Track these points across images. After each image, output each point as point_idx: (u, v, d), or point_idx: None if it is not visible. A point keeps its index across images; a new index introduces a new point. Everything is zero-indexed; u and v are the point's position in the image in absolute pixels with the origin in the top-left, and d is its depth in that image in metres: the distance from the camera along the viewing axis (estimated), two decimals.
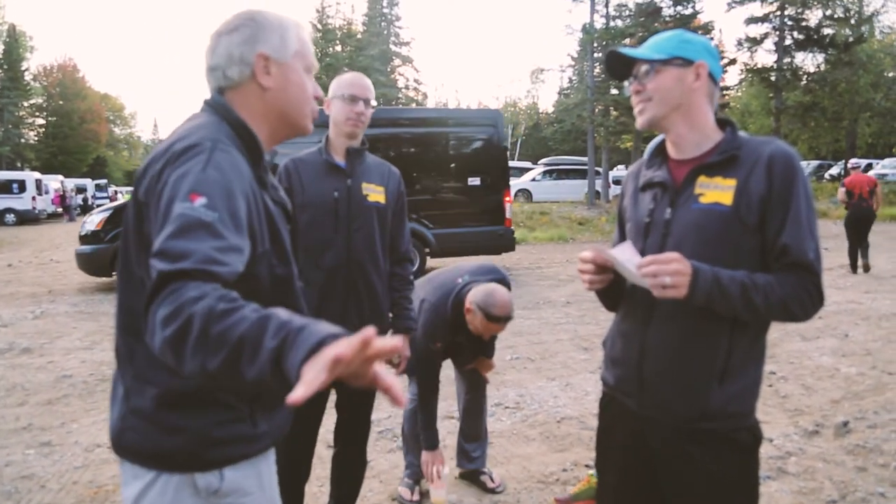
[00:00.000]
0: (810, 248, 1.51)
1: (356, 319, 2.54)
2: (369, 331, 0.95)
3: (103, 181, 42.31)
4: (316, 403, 2.64)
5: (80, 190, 36.10)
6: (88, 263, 9.72)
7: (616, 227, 1.94)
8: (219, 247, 1.12)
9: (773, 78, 26.37)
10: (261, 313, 1.02)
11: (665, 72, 1.62)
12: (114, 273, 9.57)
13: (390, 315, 2.75)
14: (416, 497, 3.28)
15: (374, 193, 2.59)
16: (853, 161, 12.37)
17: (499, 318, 2.87)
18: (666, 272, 1.46)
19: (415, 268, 2.84)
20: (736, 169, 1.56)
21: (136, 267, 1.29)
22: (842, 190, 11.11)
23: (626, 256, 1.57)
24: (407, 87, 47.56)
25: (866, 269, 10.85)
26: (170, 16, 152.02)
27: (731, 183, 1.55)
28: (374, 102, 2.62)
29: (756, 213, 1.52)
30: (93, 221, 9.91)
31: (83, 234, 9.83)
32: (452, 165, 10.54)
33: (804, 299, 1.52)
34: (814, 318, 1.59)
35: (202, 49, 1.44)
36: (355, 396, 2.71)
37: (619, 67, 1.71)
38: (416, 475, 3.34)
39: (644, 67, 1.64)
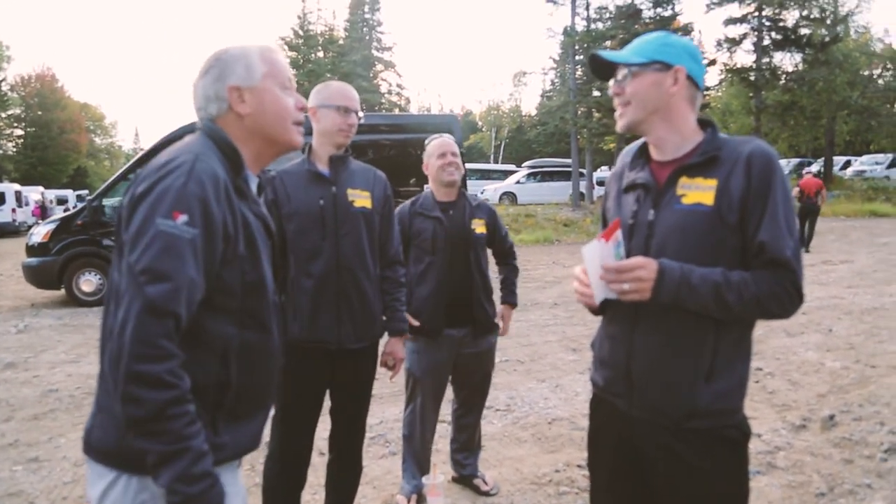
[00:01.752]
0: (787, 245, 1.52)
1: (349, 325, 2.56)
2: None
3: (84, 192, 41.86)
4: (311, 409, 2.65)
5: (62, 201, 35.66)
6: (35, 276, 9.57)
7: (600, 229, 1.96)
8: (196, 268, 1.28)
9: (752, 78, 26.70)
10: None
11: (643, 76, 1.64)
12: (62, 286, 9.50)
13: (384, 318, 2.76)
14: None
15: (360, 199, 2.60)
16: (807, 169, 16.06)
17: (435, 139, 3.22)
18: (625, 279, 1.51)
19: (405, 271, 2.87)
20: (716, 169, 1.58)
21: (115, 270, 1.35)
22: (796, 189, 14.07)
23: (596, 255, 1.57)
24: (390, 93, 47.60)
25: (806, 247, 13.81)
26: (150, 25, 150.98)
27: (713, 183, 1.57)
28: (360, 113, 2.66)
29: (737, 211, 1.54)
30: (39, 233, 9.73)
31: (30, 245, 9.69)
32: (409, 171, 10.58)
33: (781, 297, 1.53)
34: (798, 313, 1.61)
35: (183, 57, 1.53)
36: (349, 403, 2.72)
37: (603, 68, 1.73)
38: (417, 488, 3.31)
39: (623, 71, 1.66)
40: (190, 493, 1.23)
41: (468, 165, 20.80)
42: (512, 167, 34.80)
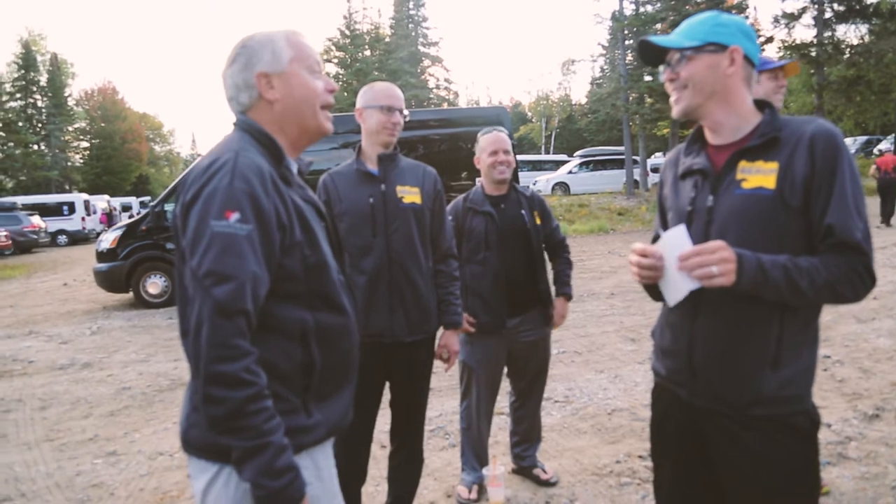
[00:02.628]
0: (857, 227, 1.47)
1: (403, 319, 2.61)
2: None
3: (147, 198, 43.55)
4: (370, 402, 2.70)
5: (126, 208, 37.25)
6: (105, 280, 10.01)
7: (657, 216, 1.92)
8: (257, 262, 1.32)
9: (813, 53, 25.55)
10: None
11: (698, 59, 1.60)
12: (130, 289, 9.94)
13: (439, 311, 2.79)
14: (473, 495, 3.30)
15: (410, 195, 2.65)
16: (883, 146, 16.10)
17: (488, 133, 3.22)
18: (712, 261, 1.45)
19: (458, 264, 2.89)
20: (777, 151, 1.53)
21: (181, 276, 1.40)
22: (873, 167, 15.49)
23: (675, 243, 1.54)
24: (438, 88, 47.61)
25: (888, 222, 14.67)
26: (202, 33, 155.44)
27: (774, 166, 1.52)
28: (406, 111, 2.70)
29: (800, 194, 1.49)
30: (108, 239, 10.19)
31: (99, 251, 10.15)
32: (460, 165, 10.58)
33: (854, 280, 1.48)
34: (868, 298, 1.55)
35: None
36: (409, 395, 2.76)
37: (653, 54, 1.69)
38: (477, 479, 3.33)
39: (676, 55, 1.62)
40: (274, 486, 1.28)
41: (519, 157, 20.76)
42: (564, 157, 34.41)
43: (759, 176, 1.54)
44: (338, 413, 1.53)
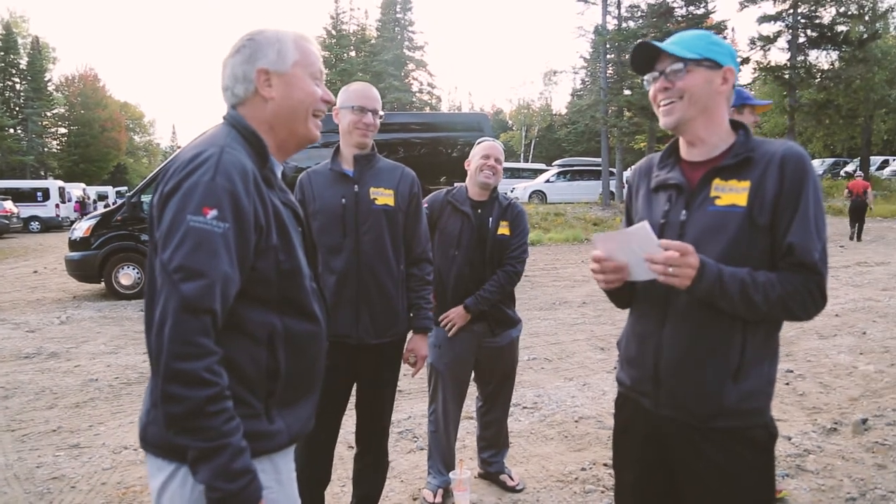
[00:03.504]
0: (816, 248, 1.52)
1: (368, 321, 2.62)
2: None
3: (124, 188, 42.90)
4: (335, 404, 2.70)
5: (102, 197, 36.63)
6: (77, 269, 9.87)
7: (623, 225, 1.94)
8: (230, 262, 1.30)
9: (786, 76, 26.18)
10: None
11: (696, 72, 1.61)
12: (102, 280, 9.80)
13: (410, 315, 2.80)
14: (439, 499, 3.32)
15: (383, 197, 2.66)
16: (856, 171, 19.00)
17: (485, 141, 3.28)
18: (677, 262, 1.49)
19: (433, 269, 2.88)
20: (750, 171, 1.58)
21: (151, 266, 1.38)
22: (846, 191, 17.52)
23: (641, 235, 1.56)
24: (421, 92, 47.70)
25: (859, 238, 16.67)
26: (187, 24, 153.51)
27: (746, 185, 1.57)
28: (381, 112, 2.72)
29: (768, 213, 1.55)
30: (81, 228, 10.06)
31: (72, 239, 9.99)
32: (440, 169, 10.64)
33: (806, 299, 1.53)
34: (830, 315, 1.61)
35: (218, 57, 1.56)
36: (375, 398, 2.77)
37: (644, 60, 1.70)
38: (444, 483, 3.35)
39: (676, 65, 1.62)
40: (229, 489, 1.25)
41: None
42: (542, 166, 34.68)
43: (733, 194, 1.58)
44: (300, 421, 1.52)
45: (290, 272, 1.44)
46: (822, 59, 27.85)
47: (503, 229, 3.30)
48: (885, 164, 33.09)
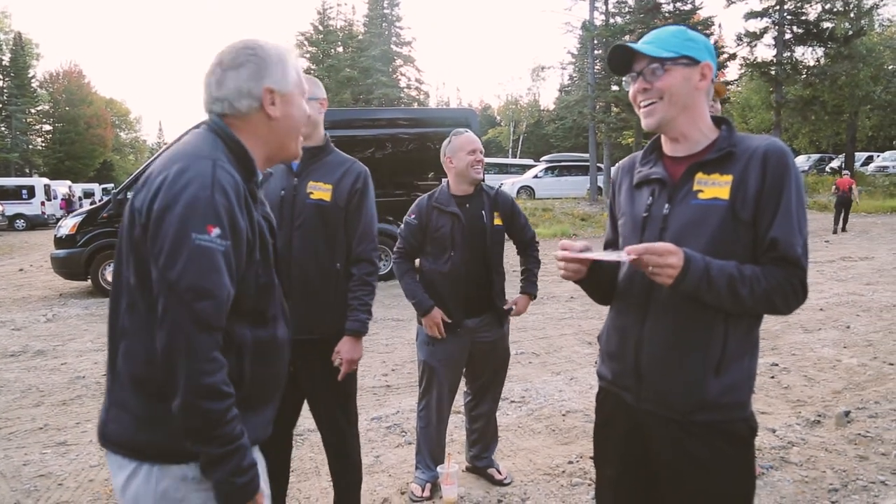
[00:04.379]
0: (798, 243, 1.54)
1: (295, 314, 2.54)
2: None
3: (110, 185, 42.57)
4: (286, 414, 2.64)
5: (88, 194, 36.30)
6: (63, 267, 9.80)
7: (608, 222, 1.95)
8: (230, 279, 1.34)
9: (773, 72, 26.35)
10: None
11: (674, 71, 1.61)
12: (88, 277, 9.75)
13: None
14: (426, 493, 3.34)
15: (319, 191, 2.60)
16: (842, 168, 19.77)
17: (462, 134, 3.27)
18: (655, 263, 1.51)
19: (378, 268, 2.74)
20: (732, 165, 1.59)
21: (124, 268, 1.40)
22: (834, 187, 18.55)
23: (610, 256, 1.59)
24: (409, 87, 47.54)
25: (843, 229, 17.33)
26: (172, 20, 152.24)
27: (728, 179, 1.58)
28: (323, 98, 2.67)
29: (751, 207, 1.56)
30: (67, 225, 9.98)
31: (58, 237, 9.92)
32: (427, 165, 10.63)
33: (788, 293, 1.54)
34: (815, 309, 1.63)
35: (205, 53, 1.56)
36: (320, 395, 2.72)
37: (621, 62, 1.70)
38: (431, 478, 3.38)
39: (653, 65, 1.62)
40: (240, 482, 1.34)
41: (486, 160, 20.87)
42: (530, 161, 34.73)
43: (715, 188, 1.59)
44: (260, 426, 1.55)
45: (266, 285, 1.49)
46: (808, 55, 28.06)
47: (497, 220, 3.32)
48: (869, 160, 33.40)
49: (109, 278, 9.77)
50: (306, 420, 4.48)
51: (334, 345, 2.62)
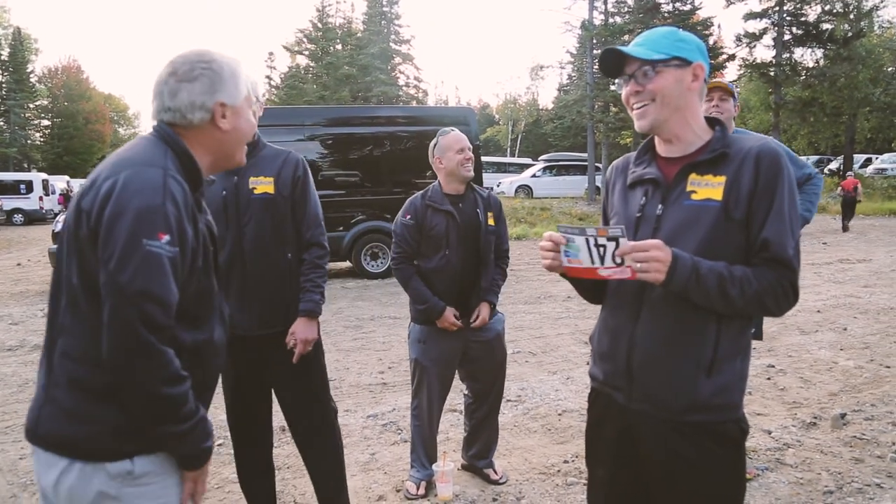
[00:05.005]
0: (790, 244, 1.54)
1: (255, 312, 2.59)
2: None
3: None
4: (242, 393, 2.72)
5: None
6: None
7: (601, 222, 1.94)
8: (177, 284, 1.39)
9: (772, 73, 26.39)
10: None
11: (666, 72, 1.61)
12: None
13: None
14: (421, 491, 3.34)
15: (262, 185, 2.60)
16: (839, 169, 18.92)
17: (448, 133, 3.27)
18: (641, 258, 1.51)
19: (328, 251, 2.76)
20: (725, 166, 1.59)
21: (65, 266, 1.42)
22: (839, 188, 19.46)
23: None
24: (407, 85, 47.52)
25: (846, 229, 17.75)
26: (170, 15, 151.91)
27: (721, 180, 1.58)
28: (262, 100, 2.72)
29: (744, 208, 1.56)
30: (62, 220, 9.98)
31: (56, 232, 9.91)
32: (425, 163, 10.64)
33: (779, 295, 1.54)
34: (812, 311, 1.63)
35: (202, 48, 1.59)
36: (287, 386, 2.75)
37: (612, 65, 1.70)
38: (426, 476, 3.37)
39: (644, 67, 1.62)
40: (206, 446, 1.49)
41: (484, 159, 20.92)
42: (528, 160, 34.74)
43: (709, 189, 1.59)
44: None
45: (205, 291, 1.54)
46: (808, 56, 28.13)
47: (490, 220, 3.32)
48: (868, 162, 33.46)
49: None
50: None
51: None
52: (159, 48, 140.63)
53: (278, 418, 2.89)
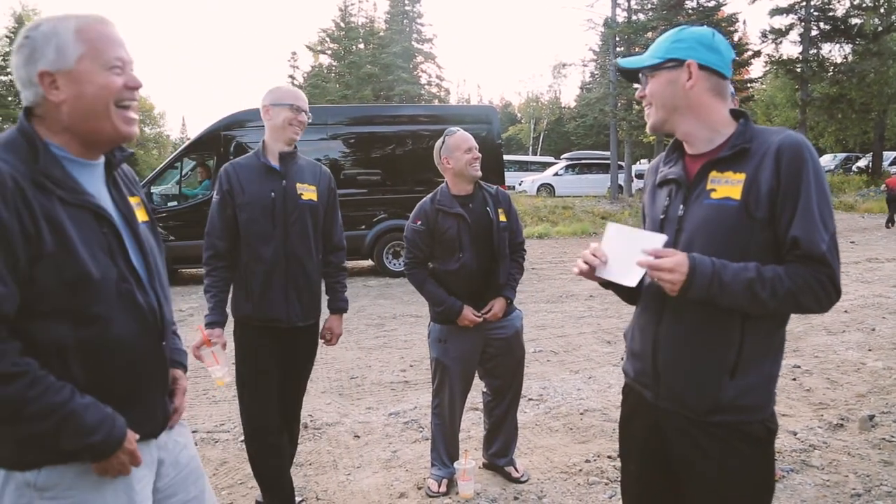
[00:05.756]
0: (822, 239, 1.48)
1: (297, 305, 2.85)
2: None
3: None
4: (270, 382, 2.88)
5: None
6: None
7: (641, 222, 1.96)
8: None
9: (798, 69, 25.92)
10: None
11: (658, 76, 1.66)
12: None
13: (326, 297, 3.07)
14: (443, 489, 3.35)
15: (308, 192, 2.87)
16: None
17: (455, 133, 3.26)
18: (658, 278, 1.53)
19: (345, 254, 3.14)
20: (746, 162, 1.56)
21: None
22: (883, 185, 19.08)
23: (653, 241, 1.61)
24: (429, 84, 47.59)
25: (890, 226, 17.53)
26: (196, 15, 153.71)
27: (741, 177, 1.55)
28: (292, 105, 2.85)
29: (765, 206, 1.51)
30: None
31: None
32: None
33: (818, 292, 1.49)
34: (839, 311, 1.60)
35: (228, 48, 1.49)
36: (298, 374, 3.03)
37: (633, 73, 1.75)
38: (448, 474, 3.38)
39: (644, 73, 1.69)
40: (93, 441, 1.34)
41: (506, 157, 20.85)
42: (550, 159, 34.60)
43: (728, 187, 1.56)
44: (119, 426, 1.42)
45: (78, 281, 1.34)
46: (836, 52, 27.55)
47: (502, 216, 3.32)
48: None
49: None
50: (325, 414, 4.53)
51: (317, 329, 3.03)
52: (183, 48, 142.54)
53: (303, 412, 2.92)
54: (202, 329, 2.67)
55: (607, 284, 1.77)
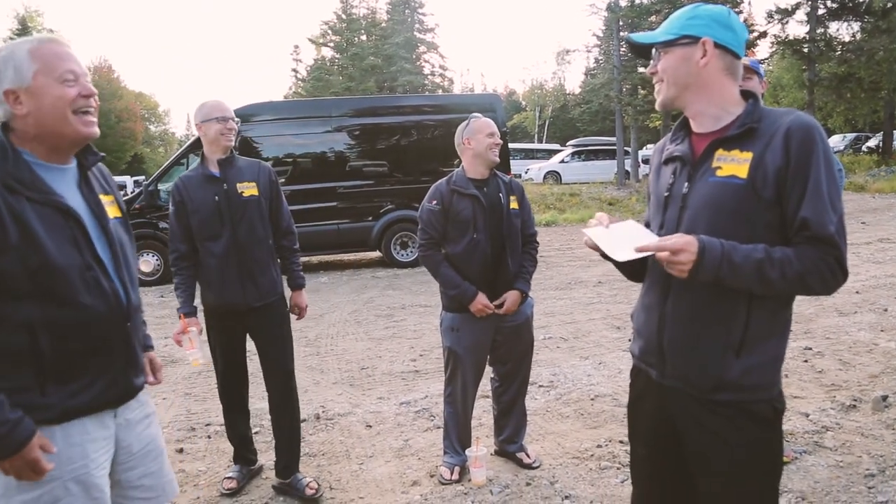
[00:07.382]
0: (831, 220, 1.48)
1: (254, 289, 3.17)
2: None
3: (141, 177, 43.24)
4: (238, 358, 3.33)
5: (121, 187, 36.89)
6: None
7: (647, 204, 1.96)
8: None
9: (805, 49, 25.60)
10: None
11: (671, 52, 1.65)
12: None
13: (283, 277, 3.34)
14: (455, 476, 3.37)
15: (249, 189, 3.18)
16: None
17: (480, 118, 3.33)
18: (667, 260, 1.51)
19: (296, 237, 3.43)
20: (753, 142, 1.55)
21: None
22: None
23: (627, 228, 1.63)
24: (433, 74, 47.37)
25: None
26: (199, 13, 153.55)
27: (748, 156, 1.54)
28: (223, 117, 3.13)
29: (772, 186, 1.51)
30: None
31: None
32: (452, 151, 10.62)
33: (825, 273, 1.49)
34: (851, 292, 1.59)
35: (232, 45, 1.61)
36: (270, 347, 3.28)
37: (643, 49, 1.74)
38: (460, 461, 3.40)
39: (657, 49, 1.68)
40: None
41: (512, 145, 20.78)
42: (556, 146, 34.48)
43: (734, 165, 1.56)
44: (84, 397, 1.63)
45: (43, 269, 1.54)
46: (843, 30, 27.15)
47: (514, 203, 3.34)
48: None
49: (143, 268, 9.98)
50: (337, 404, 4.56)
51: (278, 306, 3.29)
52: (187, 46, 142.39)
53: (309, 408, 2.94)
54: (183, 318, 3.12)
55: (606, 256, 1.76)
